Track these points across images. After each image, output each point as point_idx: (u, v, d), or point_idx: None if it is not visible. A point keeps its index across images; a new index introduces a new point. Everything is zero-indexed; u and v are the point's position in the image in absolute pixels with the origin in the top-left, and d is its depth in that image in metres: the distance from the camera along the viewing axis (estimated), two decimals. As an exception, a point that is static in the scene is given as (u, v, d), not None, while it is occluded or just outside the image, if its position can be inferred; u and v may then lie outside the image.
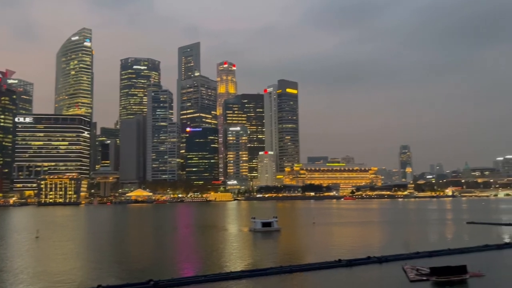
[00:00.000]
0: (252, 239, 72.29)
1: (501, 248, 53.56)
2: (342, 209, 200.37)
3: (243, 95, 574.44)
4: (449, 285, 34.15)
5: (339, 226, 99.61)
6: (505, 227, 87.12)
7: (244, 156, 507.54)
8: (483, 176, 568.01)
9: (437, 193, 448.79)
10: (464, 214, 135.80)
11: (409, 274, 37.84)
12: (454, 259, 44.26)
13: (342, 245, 61.89)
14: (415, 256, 47.13)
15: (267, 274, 39.04)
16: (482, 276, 36.86)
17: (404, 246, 57.13)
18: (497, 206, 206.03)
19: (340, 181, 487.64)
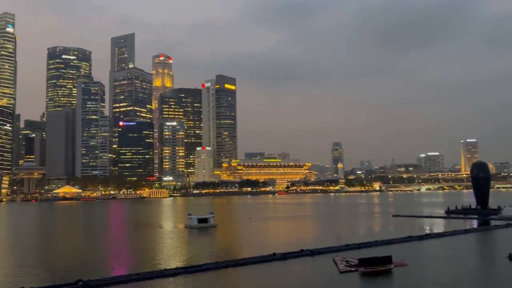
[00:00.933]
0: (187, 236, 71.49)
1: (422, 239, 57.61)
2: (278, 204, 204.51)
3: (180, 89, 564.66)
4: (376, 275, 36.11)
5: (274, 221, 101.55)
6: (426, 219, 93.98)
7: (181, 152, 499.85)
8: (408, 171, 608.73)
9: (366, 188, 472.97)
10: (390, 208, 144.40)
11: (339, 265, 39.51)
12: (380, 250, 46.89)
13: (277, 239, 63.14)
14: (345, 248, 49.28)
15: (202, 270, 38.79)
16: (406, 265, 39.42)
17: (335, 239, 59.58)
18: (419, 199, 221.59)
19: (276, 177, 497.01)
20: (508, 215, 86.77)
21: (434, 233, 63.71)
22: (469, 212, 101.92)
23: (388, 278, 35.25)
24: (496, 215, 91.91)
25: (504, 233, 64.89)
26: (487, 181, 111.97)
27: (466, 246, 53.10)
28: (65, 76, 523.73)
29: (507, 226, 72.06)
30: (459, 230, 66.71)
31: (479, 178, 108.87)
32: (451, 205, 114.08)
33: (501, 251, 45.52)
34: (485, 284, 30.22)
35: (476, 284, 29.82)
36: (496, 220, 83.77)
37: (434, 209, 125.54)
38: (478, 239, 60.96)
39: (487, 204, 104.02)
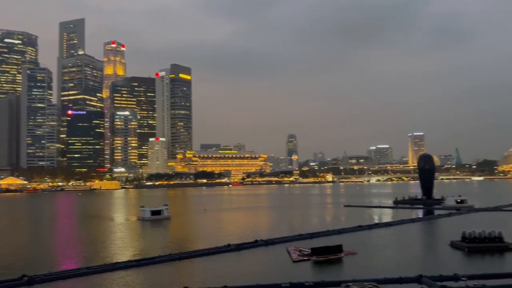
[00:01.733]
0: (140, 228, 70.11)
1: (372, 228, 59.85)
2: (233, 195, 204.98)
3: (133, 78, 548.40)
4: (327, 263, 37.15)
5: (229, 212, 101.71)
6: (376, 209, 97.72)
7: (133, 142, 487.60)
8: (359, 163, 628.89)
9: (319, 179, 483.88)
10: (341, 198, 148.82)
11: (292, 255, 40.28)
12: (332, 239, 48.24)
13: (232, 230, 63.35)
14: (299, 238, 50.27)
15: (155, 262, 38.19)
16: (355, 254, 40.82)
17: (289, 229, 60.62)
18: (369, 190, 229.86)
19: (232, 168, 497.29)
20: (450, 205, 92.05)
21: (382, 222, 66.33)
22: (415, 202, 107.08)
23: (339, 266, 36.37)
24: (440, 205, 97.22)
25: (446, 222, 68.71)
26: (432, 173, 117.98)
27: (412, 234, 55.75)
28: (9, 61, 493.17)
29: (450, 215, 76.36)
30: (406, 219, 69.88)
31: (425, 170, 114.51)
32: (398, 196, 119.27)
33: (444, 239, 48.21)
34: (428, 270, 31.90)
35: (420, 270, 31.41)
36: (440, 210, 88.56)
37: (383, 200, 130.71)
38: (423, 227, 64.16)
39: (431, 195, 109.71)
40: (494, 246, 41.40)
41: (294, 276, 30.59)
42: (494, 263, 36.53)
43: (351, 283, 28.54)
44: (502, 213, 79.75)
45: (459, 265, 35.18)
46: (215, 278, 31.96)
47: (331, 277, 31.07)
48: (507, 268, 32.76)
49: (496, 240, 42.07)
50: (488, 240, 42.02)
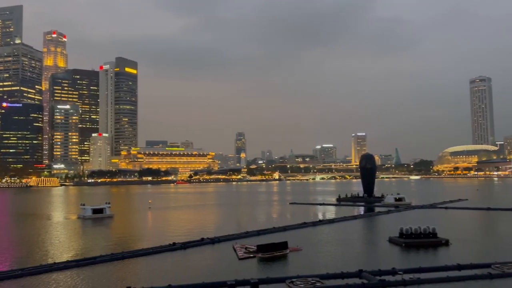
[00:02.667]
0: (81, 227, 67.18)
1: (316, 225, 61.42)
2: (180, 193, 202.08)
3: (75, 71, 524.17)
4: (273, 260, 37.64)
5: (175, 210, 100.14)
6: (320, 206, 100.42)
7: (74, 138, 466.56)
8: (305, 162, 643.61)
9: (267, 177, 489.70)
10: (287, 196, 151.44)
11: (238, 252, 40.41)
12: (278, 236, 48.92)
13: (178, 228, 62.41)
14: (245, 236, 50.53)
15: (96, 262, 36.79)
16: (300, 250, 41.69)
17: (235, 227, 60.75)
18: (314, 188, 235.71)
19: (179, 166, 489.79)
20: (389, 203, 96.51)
21: (326, 219, 68.26)
22: (357, 200, 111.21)
23: (284, 263, 36.97)
24: (380, 202, 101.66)
25: (385, 219, 71.99)
26: (373, 172, 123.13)
27: (354, 231, 57.82)
28: None
29: (389, 212, 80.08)
30: (348, 216, 72.44)
31: (367, 168, 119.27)
32: (341, 194, 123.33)
33: (383, 235, 50.47)
34: (368, 265, 33.26)
35: (360, 265, 32.68)
36: (380, 207, 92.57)
37: (327, 197, 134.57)
38: (364, 224, 66.79)
39: (372, 193, 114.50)
40: (429, 241, 43.94)
41: (240, 274, 30.68)
42: (428, 257, 38.75)
43: (295, 279, 29.15)
44: (436, 210, 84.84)
45: (396, 260, 36.96)
46: (159, 278, 31.35)
47: (276, 273, 31.53)
48: (439, 261, 34.84)
49: (430, 235, 44.69)
50: (423, 236, 44.53)
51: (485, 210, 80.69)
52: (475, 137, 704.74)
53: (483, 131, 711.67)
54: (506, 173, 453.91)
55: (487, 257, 35.78)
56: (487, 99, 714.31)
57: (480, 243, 46.21)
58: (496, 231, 56.79)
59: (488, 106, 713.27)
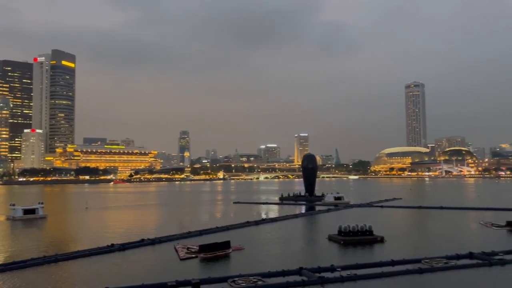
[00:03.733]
0: (10, 229, 62.82)
1: (259, 224, 61.93)
2: (120, 193, 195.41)
3: (6, 62, 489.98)
4: (215, 259, 37.42)
5: (114, 211, 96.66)
6: (263, 205, 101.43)
7: (4, 133, 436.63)
8: (249, 161, 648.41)
9: (211, 176, 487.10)
10: (231, 195, 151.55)
11: (180, 253, 39.75)
12: (221, 236, 48.74)
13: (117, 229, 60.26)
14: (187, 236, 49.82)
15: (27, 266, 34.54)
16: (243, 249, 41.81)
17: (177, 227, 59.74)
18: (258, 187, 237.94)
19: (119, 164, 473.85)
20: (329, 201, 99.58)
21: (269, 218, 69.01)
22: (299, 199, 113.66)
23: (226, 262, 36.87)
24: (320, 201, 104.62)
25: (325, 217, 74.12)
26: (315, 172, 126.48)
27: (295, 229, 58.99)
28: None
29: (328, 211, 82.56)
30: (290, 215, 73.79)
31: (308, 168, 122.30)
32: (284, 193, 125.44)
33: (323, 233, 51.92)
34: (308, 262, 34.05)
35: (301, 263, 33.38)
36: (320, 206, 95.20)
37: (270, 196, 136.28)
38: (305, 222, 68.36)
39: (313, 192, 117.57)
40: (366, 238, 45.83)
41: (181, 274, 30.17)
42: (365, 254, 40.40)
43: (237, 278, 29.16)
44: (373, 208, 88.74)
45: (335, 257, 38.16)
46: (95, 280, 30.03)
47: (218, 273, 31.35)
48: (375, 258, 36.41)
49: (367, 233, 46.62)
50: (360, 233, 46.36)
51: (417, 208, 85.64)
52: (409, 139, 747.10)
53: (417, 134, 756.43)
54: (436, 174, 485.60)
55: (418, 252, 37.93)
56: (421, 104, 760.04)
57: (412, 240, 48.91)
58: (426, 228, 60.44)
59: (421, 110, 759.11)
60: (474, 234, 52.19)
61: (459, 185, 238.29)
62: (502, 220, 57.96)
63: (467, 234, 52.31)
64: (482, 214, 71.72)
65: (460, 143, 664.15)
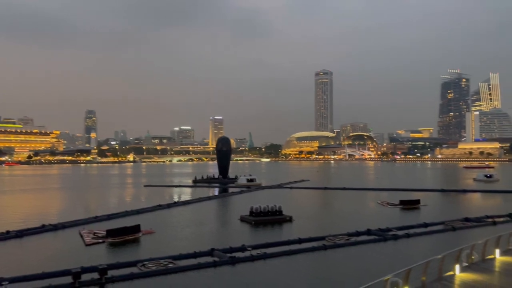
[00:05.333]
0: None
1: (171, 207, 61.05)
2: (16, 175, 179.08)
3: None
4: (124, 244, 36.17)
5: (10, 195, 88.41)
6: (176, 188, 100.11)
7: None
8: (162, 144, 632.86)
9: (120, 159, 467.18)
10: (142, 178, 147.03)
11: (86, 238, 37.79)
12: (130, 220, 47.21)
13: (13, 215, 55.28)
14: (94, 221, 47.45)
15: None
16: (154, 233, 40.94)
17: (83, 211, 56.58)
18: (171, 170, 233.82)
19: (15, 145, 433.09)
20: (242, 183, 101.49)
21: (181, 201, 68.40)
22: (212, 181, 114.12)
23: (136, 246, 35.86)
24: (234, 183, 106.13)
25: (238, 199, 75.44)
26: (229, 154, 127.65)
27: (208, 211, 59.21)
28: None
29: (241, 193, 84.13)
30: (203, 197, 73.83)
31: (222, 151, 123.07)
32: (198, 175, 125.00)
33: (235, 214, 52.84)
34: (220, 243, 34.47)
35: (213, 244, 33.67)
36: (233, 188, 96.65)
37: (183, 179, 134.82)
38: (218, 204, 68.89)
39: (227, 174, 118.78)
40: (275, 218, 47.60)
41: (86, 260, 28.73)
42: (275, 233, 41.95)
43: (147, 261, 28.56)
44: (283, 190, 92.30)
45: (247, 237, 39.09)
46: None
47: (127, 257, 30.36)
48: (284, 237, 37.99)
49: (276, 213, 48.43)
50: (270, 214, 48.02)
51: (323, 189, 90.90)
52: (317, 124, 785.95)
53: (324, 119, 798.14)
54: (341, 157, 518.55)
55: (323, 231, 40.34)
56: (329, 91, 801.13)
57: (318, 219, 51.85)
58: (331, 208, 64.50)
59: (329, 97, 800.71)
60: (372, 212, 56.87)
61: (360, 168, 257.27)
62: (396, 199, 63.92)
63: (366, 212, 56.80)
64: (380, 194, 78.43)
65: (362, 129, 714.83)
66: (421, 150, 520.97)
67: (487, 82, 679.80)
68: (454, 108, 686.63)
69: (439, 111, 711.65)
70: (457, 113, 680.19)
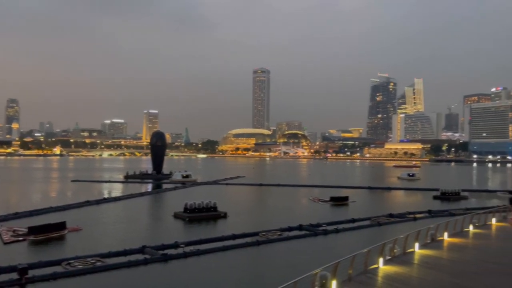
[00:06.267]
0: None
1: (100, 203, 58.50)
2: None
3: None
4: (47, 242, 34.05)
5: None
6: (106, 184, 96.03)
7: None
8: (92, 137, 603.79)
9: (45, 152, 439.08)
10: (70, 173, 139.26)
11: (4, 236, 35.11)
12: (56, 216, 44.54)
13: None
14: (14, 217, 44.27)
15: None
16: (81, 230, 38.96)
17: (1, 207, 52.45)
18: (101, 165, 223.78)
19: None
20: (177, 179, 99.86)
21: (111, 197, 65.75)
22: (145, 177, 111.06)
23: (61, 244, 33.96)
24: (168, 179, 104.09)
25: (172, 195, 74.12)
26: (164, 149, 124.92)
27: (140, 208, 57.54)
28: None
29: (176, 189, 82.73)
30: (135, 193, 71.56)
31: (157, 146, 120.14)
32: (130, 171, 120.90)
33: (169, 211, 51.84)
34: (152, 240, 33.62)
35: (145, 241, 32.79)
36: (167, 184, 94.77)
37: (114, 174, 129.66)
38: (151, 200, 67.21)
39: (161, 170, 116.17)
40: (210, 214, 47.38)
41: (5, 260, 26.66)
42: (209, 229, 41.74)
43: (73, 260, 27.15)
44: (219, 186, 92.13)
45: (180, 234, 38.51)
46: None
47: (50, 256, 28.62)
48: (218, 233, 37.93)
49: (211, 209, 48.24)
50: (205, 210, 47.72)
51: (258, 185, 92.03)
52: (254, 121, 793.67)
53: (261, 117, 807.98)
54: (276, 154, 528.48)
55: (257, 226, 40.83)
56: (266, 89, 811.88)
57: (252, 215, 52.43)
58: (265, 204, 65.51)
59: (266, 95, 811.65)
60: (304, 208, 58.60)
61: (294, 165, 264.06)
62: (327, 196, 66.37)
63: (298, 208, 58.39)
64: (312, 191, 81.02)
65: (297, 128, 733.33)
66: (351, 149, 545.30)
67: (412, 86, 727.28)
68: (382, 110, 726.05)
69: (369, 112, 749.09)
70: (385, 115, 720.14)
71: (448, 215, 47.55)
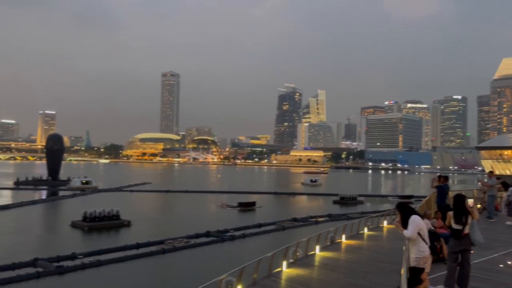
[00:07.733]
0: None
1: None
2: None
3: None
4: None
5: None
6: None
7: None
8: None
9: None
10: None
11: None
12: None
13: None
14: None
15: None
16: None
17: None
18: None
19: None
20: (75, 186, 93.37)
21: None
22: (40, 183, 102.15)
23: None
24: (65, 186, 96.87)
25: (70, 203, 69.10)
26: (61, 153, 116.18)
27: (33, 217, 52.74)
28: None
29: (74, 196, 77.27)
30: (27, 201, 65.35)
31: (53, 150, 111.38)
32: (21, 176, 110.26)
33: (65, 220, 48.15)
34: (46, 251, 30.94)
35: (37, 253, 30.05)
36: (65, 191, 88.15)
37: (2, 180, 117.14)
38: (45, 209, 61.98)
39: (58, 176, 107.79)
40: (112, 223, 45.01)
41: None
42: (111, 239, 39.60)
43: None
44: (123, 193, 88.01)
45: (78, 244, 35.96)
46: None
47: None
48: (120, 242, 36.15)
49: (114, 218, 45.85)
50: (107, 218, 45.20)
51: (165, 192, 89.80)
52: (162, 126, 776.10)
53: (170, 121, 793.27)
54: (185, 160, 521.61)
55: (163, 234, 39.74)
56: (175, 93, 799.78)
57: (158, 222, 50.92)
58: (172, 211, 64.16)
59: (175, 99, 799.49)
60: (213, 214, 58.51)
61: (203, 171, 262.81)
62: (235, 201, 67.06)
63: (206, 214, 58.10)
64: (220, 197, 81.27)
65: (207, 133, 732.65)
66: (259, 155, 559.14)
67: (316, 97, 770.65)
68: (288, 118, 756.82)
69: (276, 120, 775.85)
70: (291, 123, 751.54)
71: (346, 218, 50.88)
